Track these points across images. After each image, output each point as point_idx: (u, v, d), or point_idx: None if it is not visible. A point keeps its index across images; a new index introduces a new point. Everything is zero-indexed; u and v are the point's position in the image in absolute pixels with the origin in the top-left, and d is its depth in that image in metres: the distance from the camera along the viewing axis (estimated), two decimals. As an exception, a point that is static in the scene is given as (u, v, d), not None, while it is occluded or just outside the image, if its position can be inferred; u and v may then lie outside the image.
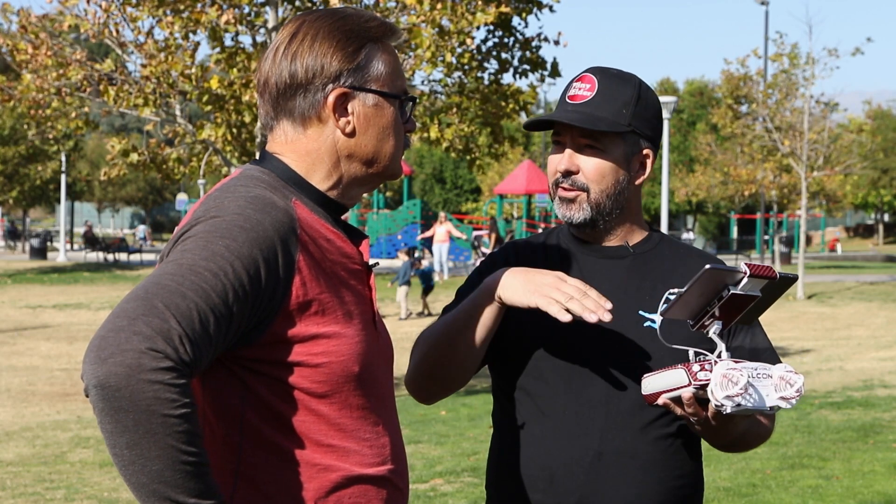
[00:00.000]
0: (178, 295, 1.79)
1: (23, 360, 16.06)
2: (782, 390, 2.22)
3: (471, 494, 7.78)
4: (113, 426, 1.73)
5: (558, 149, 2.52)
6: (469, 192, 63.38)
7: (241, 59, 11.65)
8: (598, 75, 2.51)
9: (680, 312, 2.25)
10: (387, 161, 2.09)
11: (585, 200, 2.48)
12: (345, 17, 2.07)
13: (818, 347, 17.07)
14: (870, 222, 71.18)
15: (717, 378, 2.18)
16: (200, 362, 1.80)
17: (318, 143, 2.05)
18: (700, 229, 63.49)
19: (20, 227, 57.47)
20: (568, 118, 2.46)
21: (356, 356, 1.98)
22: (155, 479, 1.74)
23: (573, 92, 2.50)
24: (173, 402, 1.73)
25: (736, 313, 2.26)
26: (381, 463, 2.02)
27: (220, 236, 1.87)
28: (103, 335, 1.75)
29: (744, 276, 2.21)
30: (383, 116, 2.06)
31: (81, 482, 8.48)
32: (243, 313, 1.86)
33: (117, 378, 1.71)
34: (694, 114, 58.47)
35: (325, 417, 1.96)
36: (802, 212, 28.76)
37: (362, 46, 2.05)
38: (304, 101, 2.04)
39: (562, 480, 2.42)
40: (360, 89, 2.04)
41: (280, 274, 1.90)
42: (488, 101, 13.45)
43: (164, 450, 1.73)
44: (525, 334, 2.47)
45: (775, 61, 29.03)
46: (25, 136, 40.21)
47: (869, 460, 8.79)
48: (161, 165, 12.70)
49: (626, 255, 2.54)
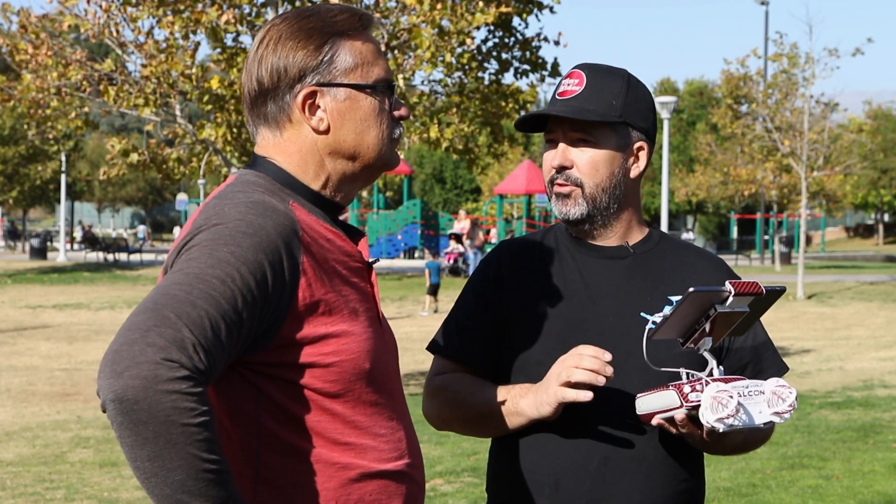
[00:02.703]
0: (188, 304, 1.79)
1: (23, 360, 16.05)
2: (775, 406, 2.22)
3: (471, 494, 7.78)
4: (133, 439, 1.72)
5: (551, 146, 2.52)
6: (469, 192, 63.39)
7: (242, 59, 11.65)
8: (587, 70, 2.51)
9: (668, 333, 2.26)
10: (372, 152, 2.07)
11: (581, 195, 2.47)
12: (309, 15, 2.06)
13: (818, 347, 17.07)
14: (870, 222, 71.17)
15: (706, 401, 2.18)
16: (215, 370, 1.80)
17: (298, 144, 2.05)
18: (700, 229, 63.49)
19: (20, 227, 57.48)
20: (557, 111, 2.46)
21: (366, 353, 1.98)
22: (178, 489, 1.74)
23: (562, 88, 2.50)
24: (192, 410, 1.72)
25: (725, 329, 2.27)
26: (398, 457, 2.02)
27: (225, 243, 1.87)
28: (116, 349, 1.74)
29: (729, 296, 2.21)
30: (359, 109, 2.05)
31: (81, 482, 8.48)
32: (253, 318, 1.86)
33: (135, 391, 1.71)
34: (694, 114, 58.48)
35: (339, 416, 1.96)
36: (802, 212, 28.76)
37: (325, 42, 2.03)
38: (273, 105, 2.04)
39: (568, 486, 2.40)
40: (328, 85, 2.03)
41: (286, 277, 1.90)
42: (488, 101, 13.45)
43: (185, 459, 1.73)
44: (527, 345, 2.46)
45: (775, 61, 29.03)
46: (25, 136, 40.25)
47: (869, 460, 8.79)
48: (161, 165, 12.69)
49: (627, 255, 2.52)
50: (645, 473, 2.41)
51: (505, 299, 2.50)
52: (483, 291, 2.54)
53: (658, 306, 2.40)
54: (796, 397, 2.23)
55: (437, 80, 13.79)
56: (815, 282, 30.00)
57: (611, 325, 2.44)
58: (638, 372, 2.40)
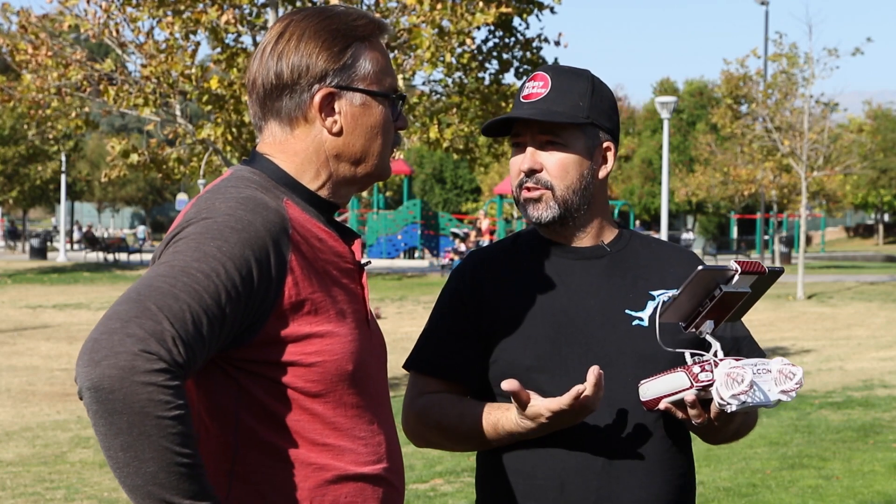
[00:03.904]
0: (171, 297, 1.79)
1: (23, 360, 16.06)
2: (782, 384, 2.23)
3: (471, 494, 7.78)
4: (107, 428, 1.73)
5: (519, 150, 2.50)
6: (469, 192, 63.39)
7: (242, 59, 11.65)
8: (551, 72, 2.50)
9: (673, 316, 2.26)
10: (375, 160, 2.08)
11: (552, 198, 2.45)
12: (332, 15, 2.07)
13: (818, 347, 17.07)
14: (870, 222, 71.17)
15: (721, 378, 2.19)
16: (194, 364, 1.80)
17: (306, 143, 2.05)
18: (700, 229, 63.48)
19: (20, 227, 57.48)
20: (525, 114, 2.45)
21: (350, 355, 1.98)
22: (149, 480, 1.75)
23: (527, 91, 2.49)
24: (167, 403, 1.73)
25: (726, 311, 2.27)
26: (376, 461, 2.02)
27: (212, 237, 1.87)
28: (96, 338, 1.75)
29: (735, 274, 2.22)
30: (371, 115, 2.06)
31: (81, 482, 8.48)
32: (236, 314, 1.86)
33: (111, 380, 1.71)
34: (694, 114, 58.46)
35: (319, 417, 1.96)
36: (802, 212, 28.74)
37: (349, 45, 2.04)
38: (290, 101, 2.04)
39: (574, 487, 2.38)
40: (346, 88, 2.04)
41: (272, 274, 1.90)
42: (489, 101, 13.46)
43: (158, 452, 1.73)
44: (515, 351, 2.43)
45: (775, 61, 29.02)
46: (25, 136, 40.24)
47: (869, 460, 8.79)
48: (161, 165, 12.69)
49: (604, 254, 2.50)
50: (648, 470, 2.40)
51: (485, 308, 2.48)
52: (461, 303, 2.50)
53: (641, 302, 2.41)
54: (802, 375, 2.25)
55: (438, 80, 13.81)
56: (815, 282, 30.00)
57: (597, 324, 2.43)
58: (631, 367, 2.40)
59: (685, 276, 2.32)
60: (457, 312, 2.50)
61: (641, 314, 2.43)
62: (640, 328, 2.43)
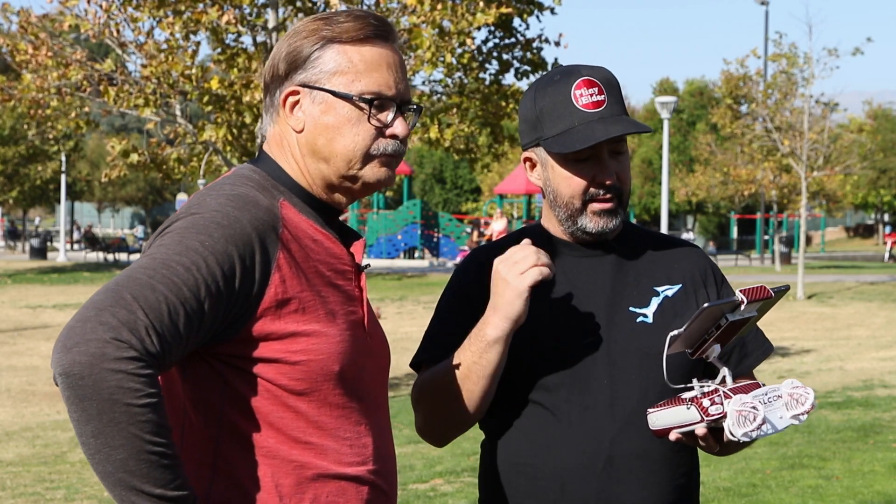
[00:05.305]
0: (148, 287, 1.81)
1: (23, 360, 16.06)
2: (793, 408, 2.22)
3: (471, 494, 7.78)
4: (79, 414, 1.76)
5: (583, 164, 2.40)
6: (469, 192, 63.37)
7: (242, 60, 11.66)
8: (596, 76, 2.42)
9: (681, 347, 2.25)
10: (340, 161, 2.04)
11: (619, 206, 2.43)
12: (323, 17, 2.08)
13: (818, 347, 17.06)
14: (870, 222, 71.16)
15: (732, 416, 2.17)
16: (169, 355, 1.82)
17: (284, 140, 2.08)
18: (700, 229, 63.47)
19: (20, 226, 57.48)
20: (626, 129, 2.38)
21: (337, 355, 1.98)
22: (120, 468, 1.76)
23: (586, 100, 2.39)
24: (136, 391, 1.75)
25: (733, 334, 2.27)
26: (360, 463, 2.02)
27: (197, 232, 1.89)
28: (71, 325, 1.78)
29: (741, 304, 2.21)
30: (333, 114, 2.04)
31: (81, 482, 8.48)
32: (217, 309, 1.87)
33: (81, 367, 1.74)
34: (694, 114, 58.45)
35: (303, 415, 1.96)
36: (802, 212, 28.74)
37: (316, 44, 2.05)
38: (269, 98, 2.10)
39: (574, 487, 2.36)
40: (307, 87, 2.04)
41: (256, 271, 1.91)
42: (489, 102, 13.47)
43: (127, 439, 1.75)
44: (520, 347, 2.39)
45: (775, 61, 29.02)
46: (25, 136, 40.25)
47: (869, 460, 8.78)
48: (161, 165, 12.71)
49: (610, 251, 2.48)
50: (649, 470, 2.39)
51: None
52: (469, 298, 2.46)
53: (645, 299, 2.40)
54: (814, 398, 2.23)
55: (438, 80, 13.81)
56: (815, 282, 29.99)
57: (603, 321, 2.41)
58: (635, 365, 2.39)
59: (689, 271, 2.29)
60: (464, 308, 2.46)
61: (645, 311, 2.42)
62: (644, 325, 2.41)
